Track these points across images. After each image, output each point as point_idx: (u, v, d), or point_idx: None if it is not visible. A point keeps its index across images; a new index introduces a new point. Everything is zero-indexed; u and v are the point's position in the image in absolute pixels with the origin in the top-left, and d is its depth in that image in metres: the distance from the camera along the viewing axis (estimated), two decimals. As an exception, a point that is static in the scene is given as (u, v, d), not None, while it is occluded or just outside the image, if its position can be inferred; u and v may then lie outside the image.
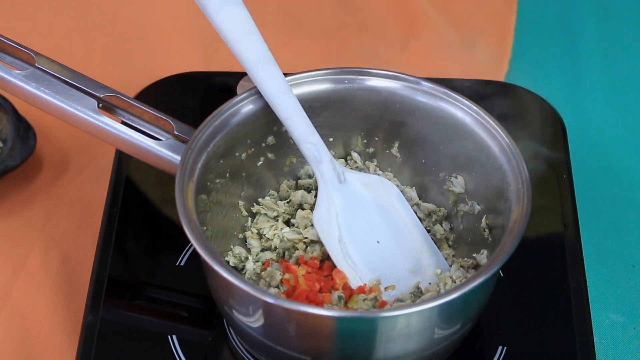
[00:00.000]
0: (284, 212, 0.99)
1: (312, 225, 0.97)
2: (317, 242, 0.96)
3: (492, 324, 0.96)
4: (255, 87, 0.95)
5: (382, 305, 0.91)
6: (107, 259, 1.00)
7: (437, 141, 0.97)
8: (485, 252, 0.94)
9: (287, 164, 1.00)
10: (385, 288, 0.93)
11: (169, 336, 0.95)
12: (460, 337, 0.90)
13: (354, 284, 0.93)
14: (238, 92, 1.00)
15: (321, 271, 0.94)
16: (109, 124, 0.95)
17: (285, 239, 0.97)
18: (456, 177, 0.97)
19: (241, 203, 0.98)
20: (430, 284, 0.94)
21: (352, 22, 1.31)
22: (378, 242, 0.95)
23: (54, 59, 0.97)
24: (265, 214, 0.99)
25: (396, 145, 1.00)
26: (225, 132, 0.94)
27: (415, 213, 0.99)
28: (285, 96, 0.93)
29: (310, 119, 0.94)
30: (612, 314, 1.03)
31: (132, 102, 0.97)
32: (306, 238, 0.97)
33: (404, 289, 0.94)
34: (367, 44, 1.28)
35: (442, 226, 0.99)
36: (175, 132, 0.96)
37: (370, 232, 0.96)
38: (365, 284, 0.93)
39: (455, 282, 0.93)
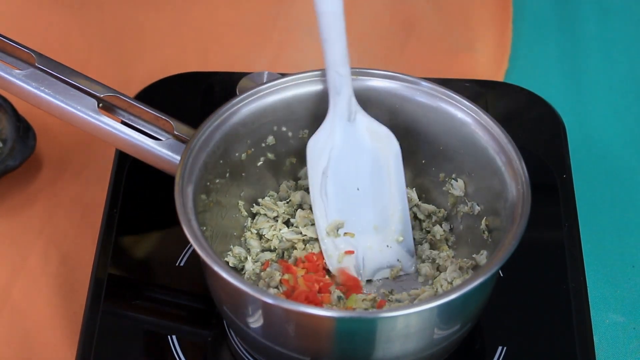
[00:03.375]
0: (284, 213, 0.99)
1: (312, 224, 0.97)
2: (317, 240, 0.97)
3: (492, 324, 0.96)
4: (255, 87, 0.95)
5: (380, 304, 0.92)
6: (107, 259, 1.00)
7: (436, 142, 0.97)
8: (484, 252, 0.94)
9: (287, 164, 1.00)
10: (345, 233, 0.94)
11: (169, 336, 0.95)
12: (460, 337, 0.90)
13: (320, 220, 0.94)
14: (238, 92, 1.00)
15: (321, 271, 0.95)
16: (109, 123, 0.95)
17: (284, 239, 0.97)
18: (456, 180, 0.97)
19: (241, 203, 0.98)
20: (388, 246, 0.95)
21: (352, 23, 1.30)
22: (357, 189, 0.96)
23: (54, 59, 0.97)
24: (265, 215, 0.99)
25: (396, 145, 1.00)
26: (225, 132, 0.94)
27: (415, 214, 0.99)
28: (334, 18, 0.91)
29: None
30: (612, 314, 1.03)
31: (132, 102, 0.97)
32: (305, 236, 0.97)
33: (363, 242, 0.95)
34: (367, 44, 1.28)
35: (441, 227, 0.99)
36: (175, 132, 0.96)
37: (355, 176, 0.96)
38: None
39: (451, 284, 0.93)
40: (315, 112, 0.97)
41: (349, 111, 0.95)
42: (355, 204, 0.96)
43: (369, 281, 0.96)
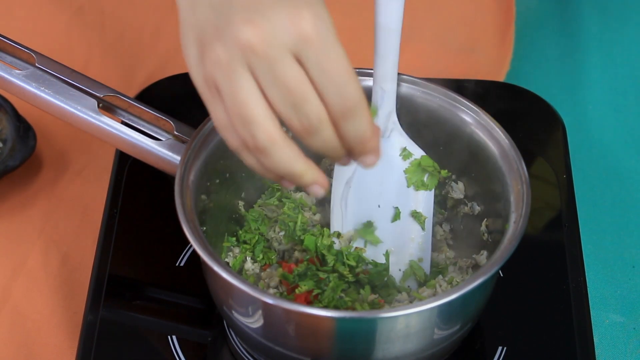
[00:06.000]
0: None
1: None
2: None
3: (492, 324, 0.96)
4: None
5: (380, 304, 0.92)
6: (107, 259, 1.00)
7: (436, 142, 0.97)
8: (485, 252, 0.94)
9: (287, 165, 1.00)
10: (356, 248, 0.94)
11: (169, 336, 0.95)
12: (460, 337, 0.90)
13: (334, 226, 0.94)
14: (238, 92, 0.99)
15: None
16: (109, 124, 0.95)
17: (284, 240, 0.97)
18: (456, 183, 0.97)
19: (241, 203, 0.98)
20: (399, 269, 0.94)
21: (352, 23, 1.31)
22: (379, 206, 0.95)
23: (54, 59, 0.97)
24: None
25: (396, 145, 1.00)
26: (225, 132, 0.94)
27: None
28: (393, 36, 0.91)
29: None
30: (612, 314, 1.03)
31: (132, 102, 0.97)
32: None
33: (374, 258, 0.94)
34: (368, 44, 1.28)
35: (442, 227, 0.99)
36: (175, 132, 0.96)
37: (379, 194, 0.95)
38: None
39: (450, 284, 0.93)
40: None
41: (385, 127, 0.94)
42: (374, 220, 0.95)
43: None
